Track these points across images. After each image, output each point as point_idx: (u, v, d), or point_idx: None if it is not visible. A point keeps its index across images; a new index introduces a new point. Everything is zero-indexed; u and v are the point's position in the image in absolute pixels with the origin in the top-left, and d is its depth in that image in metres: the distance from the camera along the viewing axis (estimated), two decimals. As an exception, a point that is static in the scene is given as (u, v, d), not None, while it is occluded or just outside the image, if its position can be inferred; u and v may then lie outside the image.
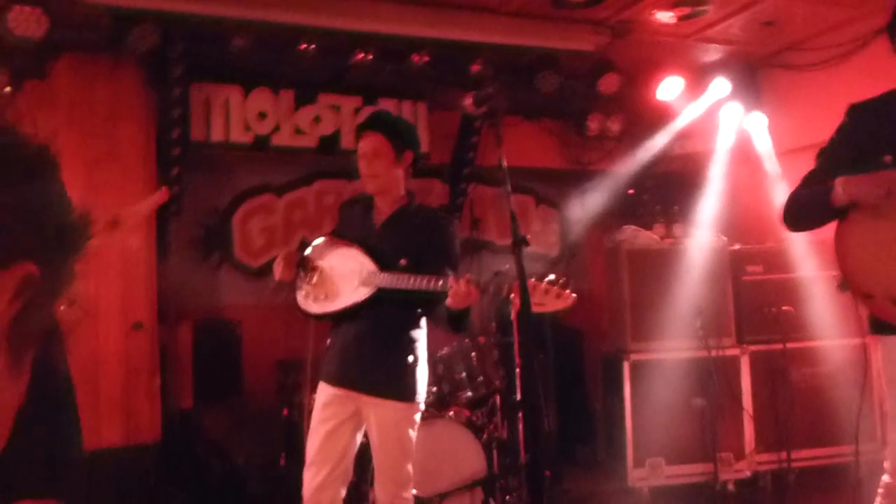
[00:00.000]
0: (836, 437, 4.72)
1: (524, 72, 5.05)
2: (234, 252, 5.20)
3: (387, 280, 2.72)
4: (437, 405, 4.13)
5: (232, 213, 5.23)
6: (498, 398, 4.59)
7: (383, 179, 2.83)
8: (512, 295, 2.39)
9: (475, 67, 4.71)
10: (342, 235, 2.97)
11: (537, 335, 5.63)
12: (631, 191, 5.99)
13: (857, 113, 2.46)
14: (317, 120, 4.91)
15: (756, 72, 5.80)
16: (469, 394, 4.28)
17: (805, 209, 2.45)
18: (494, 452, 4.38)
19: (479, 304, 2.81)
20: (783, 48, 5.43)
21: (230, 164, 5.16)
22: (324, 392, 2.89)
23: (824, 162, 2.46)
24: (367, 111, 5.01)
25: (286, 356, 4.53)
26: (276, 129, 4.81)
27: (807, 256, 4.75)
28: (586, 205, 5.96)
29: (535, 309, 2.37)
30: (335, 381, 2.86)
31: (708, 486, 4.62)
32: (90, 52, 4.25)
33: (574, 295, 2.37)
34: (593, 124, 5.58)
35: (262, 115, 4.76)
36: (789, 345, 4.72)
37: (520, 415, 4.49)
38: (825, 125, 5.23)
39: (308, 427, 2.95)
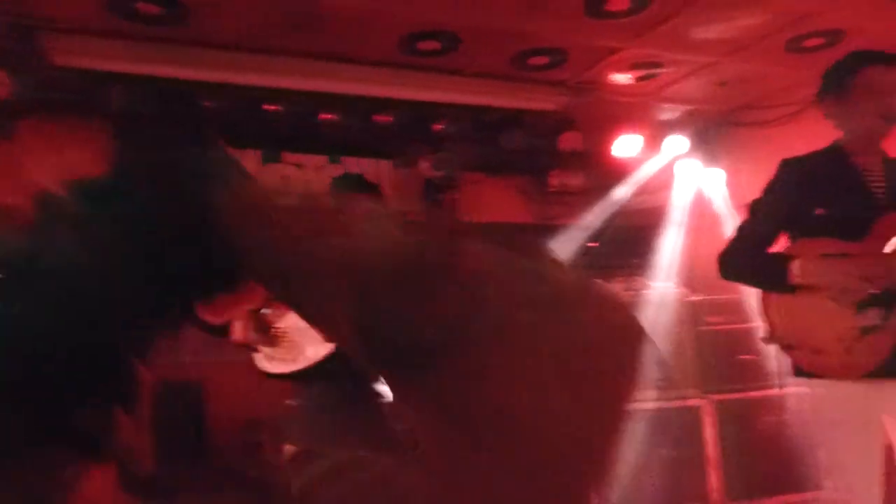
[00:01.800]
0: (803, 484, 4.78)
1: (488, 129, 5.16)
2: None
3: None
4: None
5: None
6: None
7: None
8: None
9: (438, 126, 4.83)
10: None
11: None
12: (592, 243, 6.11)
13: (790, 168, 2.55)
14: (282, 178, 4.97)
15: (713, 129, 6.02)
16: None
17: (756, 278, 2.58)
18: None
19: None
20: (738, 107, 5.66)
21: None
22: None
23: (760, 216, 2.58)
24: (330, 169, 5.10)
25: (255, 415, 4.47)
26: (243, 187, 4.86)
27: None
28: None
29: None
30: (304, 445, 2.84)
31: (676, 538, 4.61)
32: (57, 112, 4.28)
33: None
34: (555, 180, 5.70)
35: (228, 174, 4.81)
36: (752, 393, 4.79)
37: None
38: (778, 180, 5.43)
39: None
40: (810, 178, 2.48)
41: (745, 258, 2.57)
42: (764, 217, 2.56)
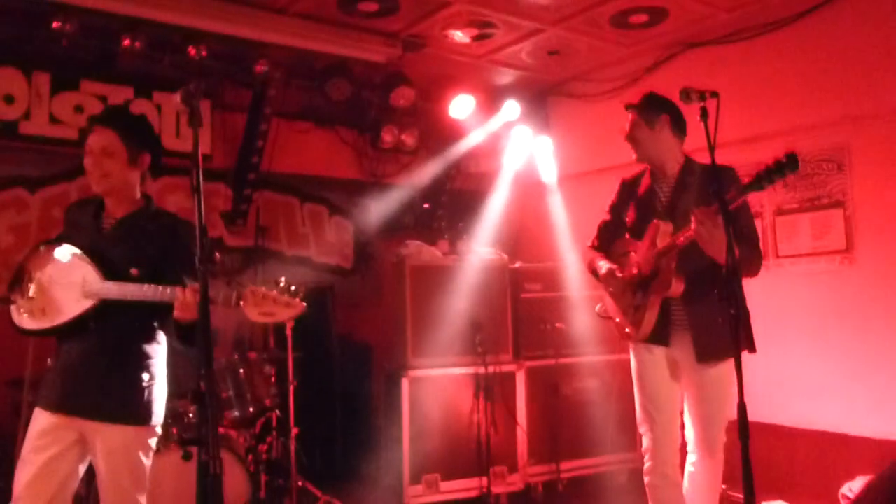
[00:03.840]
0: (602, 448, 5.00)
1: (315, 77, 4.89)
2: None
3: (111, 290, 2.44)
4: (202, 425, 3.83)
5: (-29, 208, 4.56)
6: (274, 417, 4.39)
7: (115, 179, 2.56)
8: (242, 303, 2.26)
9: (260, 67, 4.47)
10: (68, 241, 2.62)
11: (323, 350, 5.48)
12: (427, 205, 6.02)
13: (621, 187, 3.33)
14: (78, 109, 4.41)
15: (545, 98, 6.06)
16: (236, 413, 4.02)
17: (590, 269, 3.35)
18: (263, 475, 4.15)
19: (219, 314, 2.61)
20: (568, 78, 5.72)
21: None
22: (40, 419, 2.52)
23: (602, 225, 3.36)
24: (139, 104, 4.61)
25: (23, 373, 3.98)
26: (27, 115, 4.26)
27: (579, 278, 4.98)
28: (381, 217, 5.89)
29: (264, 319, 2.29)
30: (54, 407, 2.51)
31: (482, 500, 4.67)
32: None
33: (303, 304, 2.26)
34: (388, 136, 5.53)
35: (8, 99, 4.19)
36: (560, 360, 4.92)
37: (292, 435, 4.30)
38: (604, 153, 5.60)
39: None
40: (627, 195, 3.27)
41: (588, 253, 3.37)
42: (604, 225, 3.36)
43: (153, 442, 2.61)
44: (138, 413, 2.54)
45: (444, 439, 4.65)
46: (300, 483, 4.32)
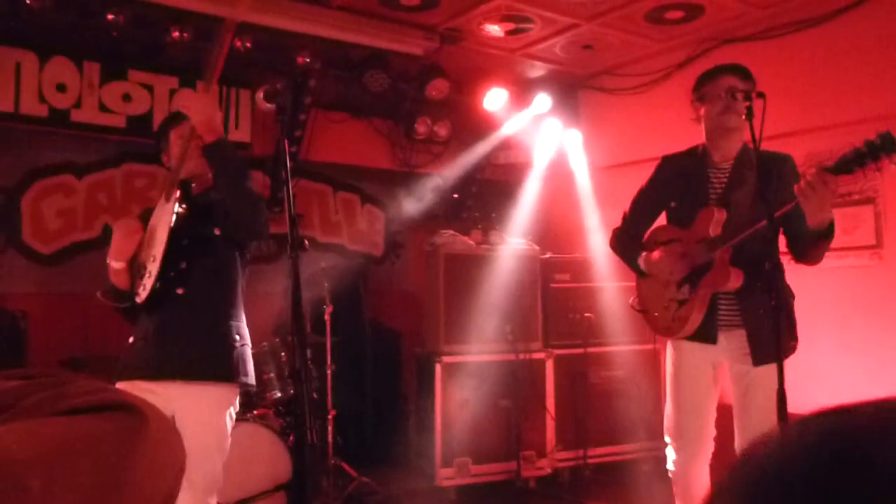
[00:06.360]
0: (628, 436, 5.11)
1: (353, 68, 4.99)
2: (21, 235, 4.69)
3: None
4: (243, 407, 3.98)
5: (22, 193, 4.71)
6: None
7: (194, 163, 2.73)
8: None
9: (301, 58, 4.58)
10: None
11: (356, 336, 5.61)
12: (456, 195, 6.12)
13: (663, 164, 2.99)
14: (126, 98, 4.55)
15: (576, 91, 6.13)
16: (277, 395, 4.16)
17: (625, 259, 3.07)
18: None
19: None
20: (600, 72, 5.79)
21: (21, 138, 4.65)
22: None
23: (636, 204, 3.05)
24: (183, 93, 4.74)
25: (79, 353, 4.15)
26: (78, 104, 4.40)
27: (608, 269, 5.07)
28: (412, 207, 6.00)
29: None
30: (135, 375, 2.61)
31: (511, 483, 4.80)
32: None
33: None
34: (421, 127, 5.63)
35: (60, 88, 4.33)
36: (589, 349, 5.02)
37: (330, 417, 4.44)
38: (633, 146, 5.65)
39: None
40: (673, 175, 2.93)
41: (620, 241, 3.06)
42: (639, 205, 3.03)
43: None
44: (225, 371, 2.64)
45: (474, 424, 4.77)
46: (337, 463, 4.46)
